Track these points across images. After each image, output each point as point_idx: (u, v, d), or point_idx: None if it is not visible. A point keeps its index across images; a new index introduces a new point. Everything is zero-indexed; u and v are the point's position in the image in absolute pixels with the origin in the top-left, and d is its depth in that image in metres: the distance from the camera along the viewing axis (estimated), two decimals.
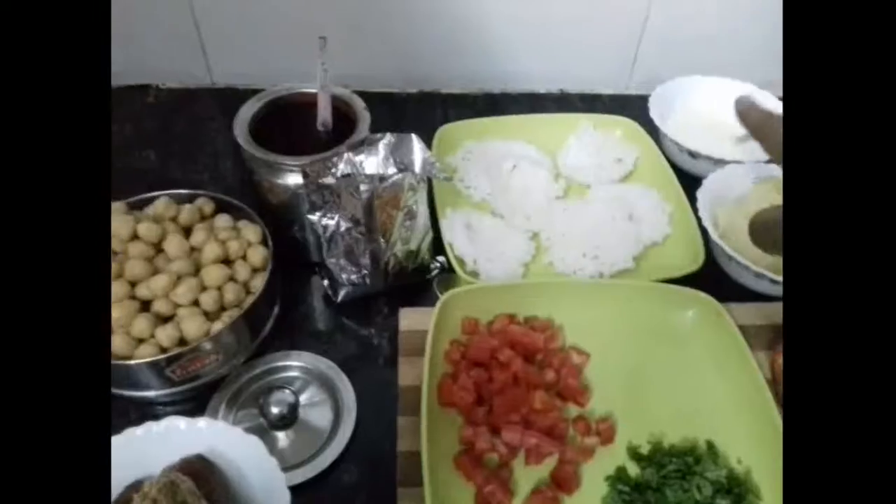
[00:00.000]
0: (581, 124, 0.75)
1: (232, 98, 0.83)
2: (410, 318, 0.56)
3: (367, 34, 0.80)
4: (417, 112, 0.84)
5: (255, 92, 0.61)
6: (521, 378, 0.49)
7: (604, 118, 0.76)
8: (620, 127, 0.75)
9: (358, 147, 0.53)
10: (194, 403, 0.52)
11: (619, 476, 0.47)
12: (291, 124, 0.59)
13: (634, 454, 0.48)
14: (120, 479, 0.44)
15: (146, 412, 0.53)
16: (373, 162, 0.52)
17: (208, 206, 0.58)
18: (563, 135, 0.75)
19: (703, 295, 0.56)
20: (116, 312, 0.49)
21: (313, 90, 0.58)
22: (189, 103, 0.82)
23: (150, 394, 0.52)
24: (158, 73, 0.84)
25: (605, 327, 0.55)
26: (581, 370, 0.53)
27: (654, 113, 0.74)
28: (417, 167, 0.52)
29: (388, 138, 0.53)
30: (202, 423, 0.45)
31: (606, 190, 0.69)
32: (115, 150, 0.75)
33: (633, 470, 0.47)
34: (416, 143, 0.53)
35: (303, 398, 0.52)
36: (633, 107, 0.82)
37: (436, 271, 0.63)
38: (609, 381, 0.52)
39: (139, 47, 0.81)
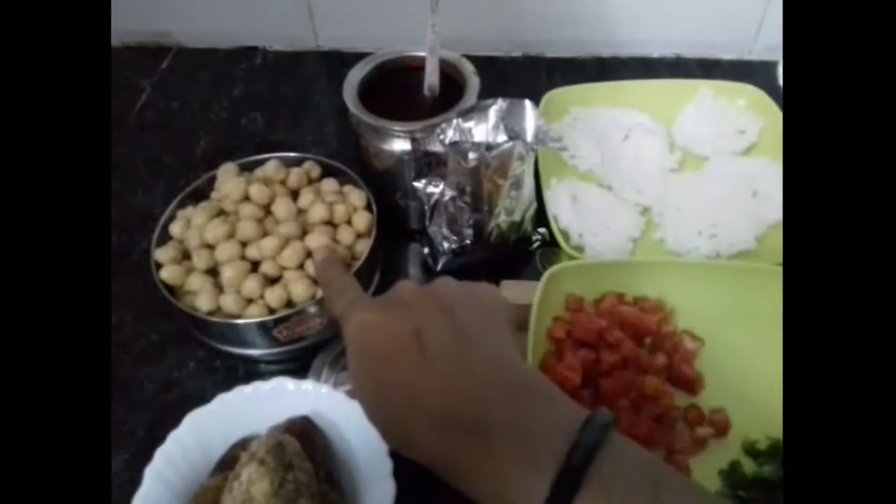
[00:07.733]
0: (700, 91, 0.69)
1: (337, 61, 0.83)
2: (512, 291, 0.54)
3: None
4: (521, 77, 0.81)
5: (359, 55, 0.60)
6: (630, 361, 0.47)
7: (726, 85, 0.70)
8: (744, 95, 0.69)
9: (468, 113, 0.51)
10: (297, 363, 0.53)
11: (734, 470, 0.44)
12: (398, 88, 0.58)
13: (751, 449, 0.45)
14: (228, 435, 0.45)
15: (251, 369, 0.55)
16: (482, 129, 0.51)
17: (315, 170, 0.58)
18: (679, 102, 0.69)
19: None
20: (229, 272, 0.51)
21: (422, 54, 0.56)
22: (295, 66, 0.83)
23: (256, 352, 0.53)
24: (266, 37, 0.85)
25: (722, 313, 0.50)
26: (694, 357, 0.50)
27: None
28: (529, 135, 0.50)
29: (500, 104, 0.51)
30: (309, 385, 0.46)
31: (727, 163, 0.64)
32: (226, 111, 0.77)
33: (749, 466, 0.44)
34: (530, 110, 0.50)
35: None
36: (757, 74, 0.75)
37: (537, 243, 0.61)
38: (724, 370, 0.49)
39: (248, 10, 0.82)
